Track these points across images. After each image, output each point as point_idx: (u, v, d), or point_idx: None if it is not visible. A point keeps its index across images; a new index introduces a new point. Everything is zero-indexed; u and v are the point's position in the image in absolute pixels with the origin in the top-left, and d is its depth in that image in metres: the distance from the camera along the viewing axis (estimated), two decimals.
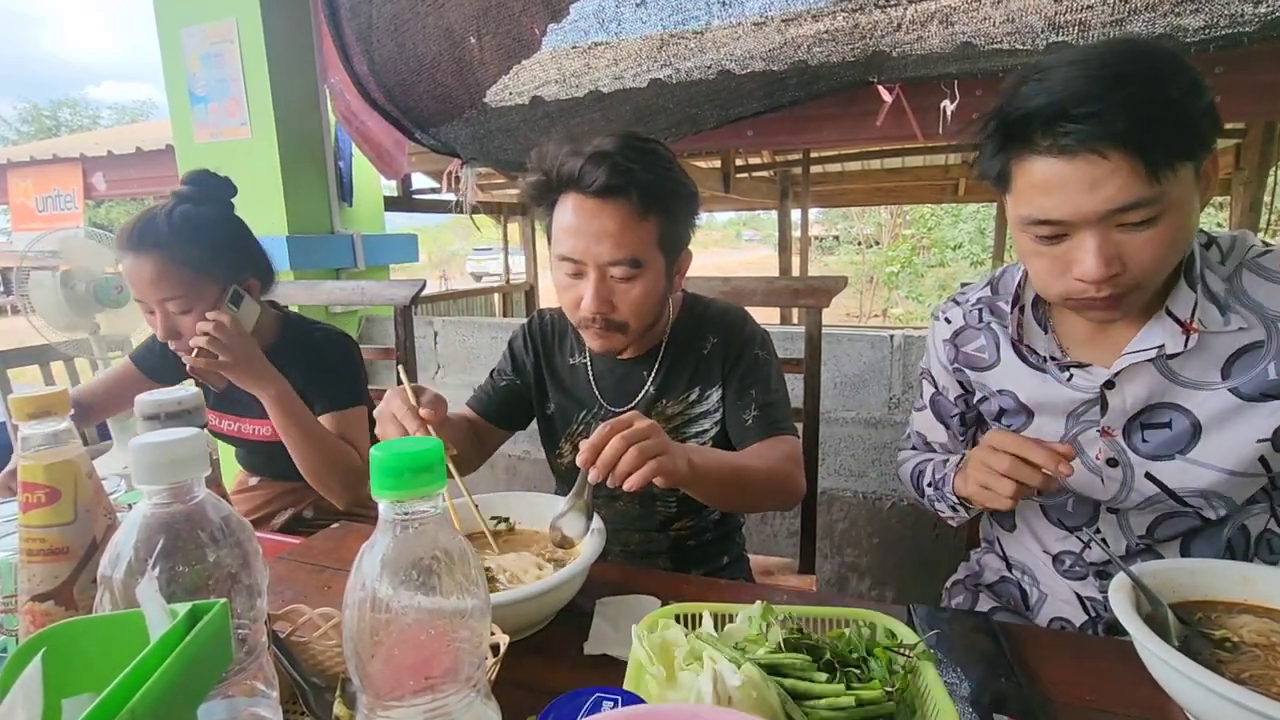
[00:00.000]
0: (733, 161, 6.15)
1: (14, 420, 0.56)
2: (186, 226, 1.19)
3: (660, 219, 0.97)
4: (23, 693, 0.29)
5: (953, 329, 1.01)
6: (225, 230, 1.26)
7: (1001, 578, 1.04)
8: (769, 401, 1.09)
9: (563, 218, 0.97)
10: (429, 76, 2.17)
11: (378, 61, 2.18)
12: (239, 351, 1.16)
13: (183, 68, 2.41)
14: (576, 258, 0.97)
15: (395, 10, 2.09)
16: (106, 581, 0.41)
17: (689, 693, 0.50)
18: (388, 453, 0.37)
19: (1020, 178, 0.76)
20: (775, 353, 1.15)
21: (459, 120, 2.27)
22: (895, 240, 17.17)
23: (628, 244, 0.95)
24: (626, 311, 1.00)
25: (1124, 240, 0.72)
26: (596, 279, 0.97)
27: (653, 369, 1.12)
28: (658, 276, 1.00)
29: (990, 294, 0.98)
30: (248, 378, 1.19)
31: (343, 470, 1.25)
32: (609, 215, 0.94)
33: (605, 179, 0.93)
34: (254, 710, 0.43)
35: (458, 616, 0.38)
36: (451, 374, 2.61)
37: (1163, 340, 0.80)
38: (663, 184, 0.97)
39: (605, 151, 0.94)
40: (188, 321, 1.19)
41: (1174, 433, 0.84)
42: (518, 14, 2.02)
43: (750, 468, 1.00)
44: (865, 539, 2.07)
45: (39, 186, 5.10)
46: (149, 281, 1.17)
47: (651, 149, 0.99)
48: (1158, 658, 0.56)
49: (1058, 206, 0.72)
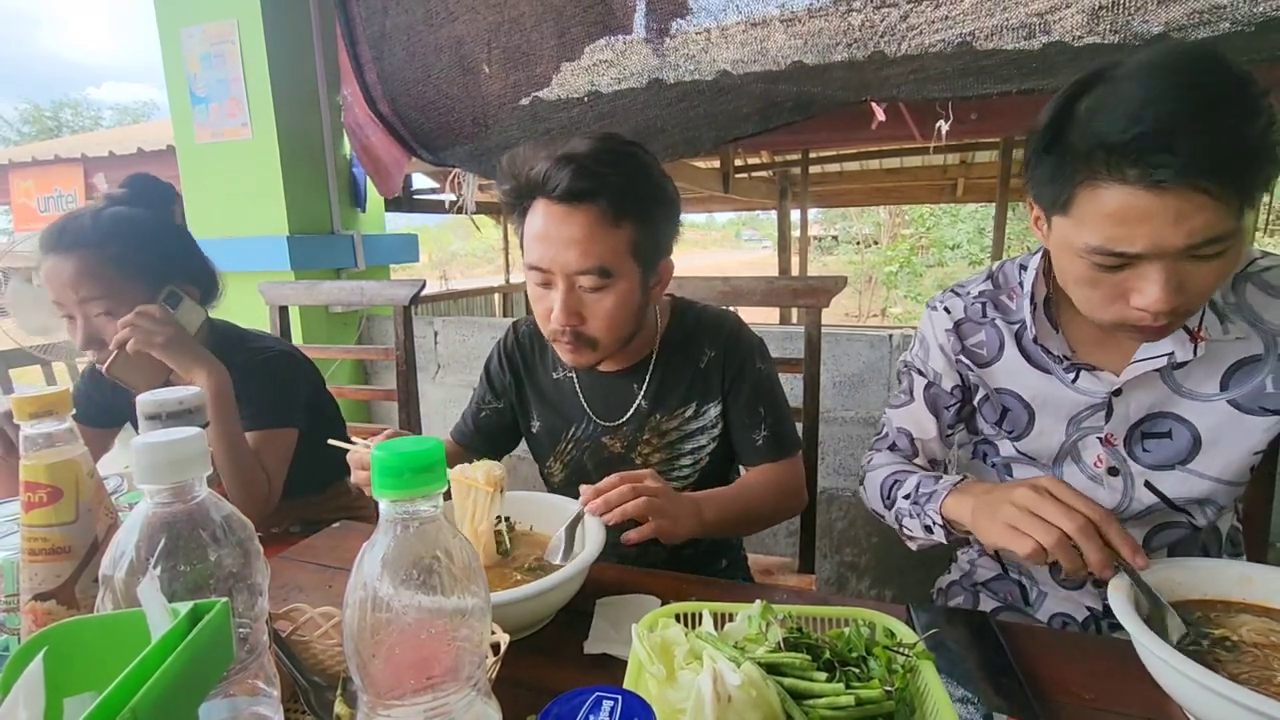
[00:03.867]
0: (732, 161, 6.16)
1: (16, 420, 0.56)
2: (113, 227, 1.13)
3: (635, 226, 0.92)
4: (24, 692, 0.29)
5: (954, 319, 0.96)
6: (158, 234, 1.19)
7: (998, 575, 1.03)
8: (778, 419, 1.07)
9: (532, 225, 0.93)
10: (435, 89, 2.17)
11: (387, 71, 2.19)
12: (171, 332, 1.10)
13: (183, 68, 2.41)
14: (544, 266, 0.92)
15: (408, 22, 2.10)
16: (108, 581, 0.41)
17: (689, 692, 0.50)
18: (389, 452, 0.37)
19: (1088, 204, 0.69)
20: (771, 358, 1.13)
21: (460, 137, 2.28)
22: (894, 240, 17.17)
23: (596, 252, 0.90)
24: (596, 325, 0.95)
25: (1191, 270, 0.68)
26: (564, 289, 0.92)
27: (644, 382, 1.07)
28: (631, 287, 0.95)
29: (992, 288, 0.95)
30: (186, 358, 1.10)
31: (249, 494, 1.15)
32: (576, 221, 0.89)
33: (570, 183, 0.88)
34: (255, 709, 0.43)
35: (458, 616, 0.38)
36: (451, 374, 2.61)
37: (1173, 348, 0.79)
38: (637, 188, 0.92)
39: (573, 154, 0.89)
40: (111, 326, 1.11)
41: (1175, 443, 0.83)
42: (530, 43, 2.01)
43: (757, 504, 1.03)
44: (864, 538, 2.07)
45: (41, 187, 5.11)
46: (67, 282, 1.09)
47: (628, 151, 0.94)
48: (1158, 657, 0.56)
49: (1137, 239, 0.67)
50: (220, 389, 1.13)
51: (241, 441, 1.16)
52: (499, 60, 2.05)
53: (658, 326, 1.08)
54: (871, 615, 0.64)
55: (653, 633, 0.58)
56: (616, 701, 0.38)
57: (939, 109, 1.90)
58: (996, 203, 5.31)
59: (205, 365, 1.12)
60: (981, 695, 0.61)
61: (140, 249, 1.14)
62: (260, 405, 1.23)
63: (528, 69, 2.03)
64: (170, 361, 1.11)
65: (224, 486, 1.16)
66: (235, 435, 1.15)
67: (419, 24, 2.09)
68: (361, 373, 2.78)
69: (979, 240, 15.85)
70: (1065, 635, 0.80)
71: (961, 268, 16.16)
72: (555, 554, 0.85)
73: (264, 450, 1.21)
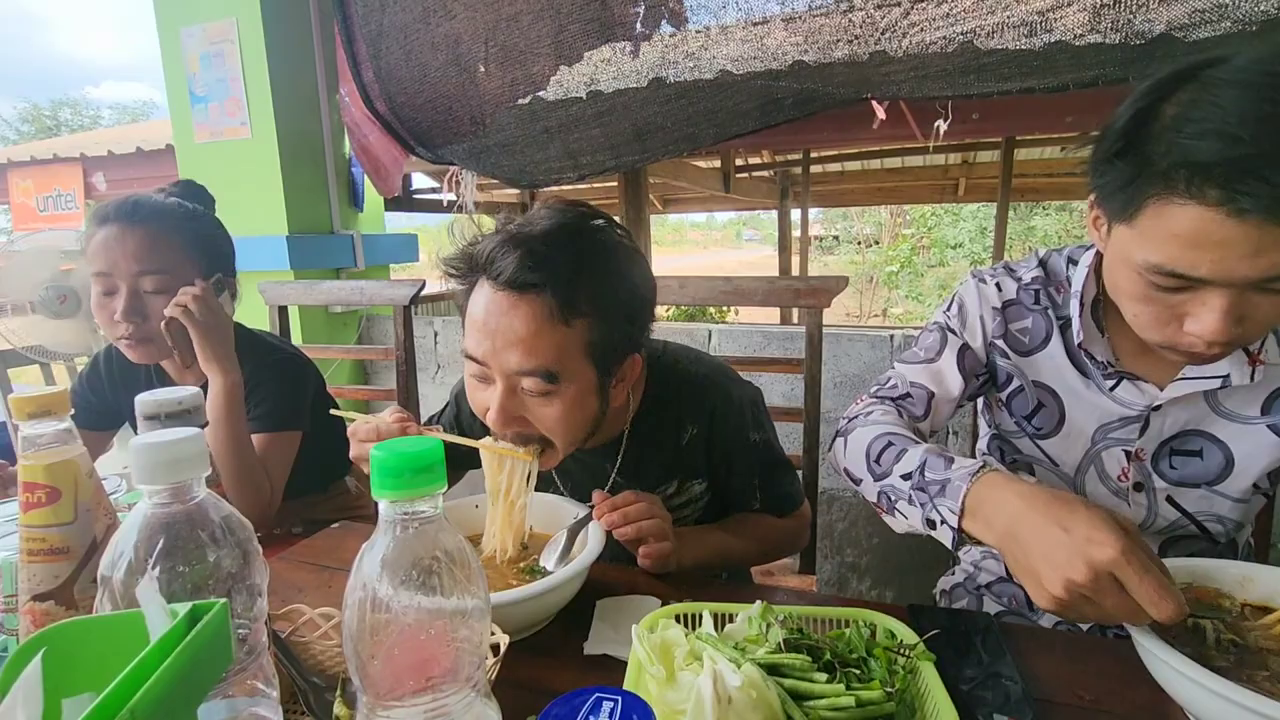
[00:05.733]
0: (733, 161, 6.16)
1: (14, 420, 0.56)
2: (185, 212, 1.21)
3: (590, 323, 0.80)
4: (23, 692, 0.29)
5: (1003, 299, 0.89)
6: (214, 229, 1.27)
7: (1000, 578, 1.02)
8: (777, 483, 1.02)
9: (474, 307, 0.81)
10: (432, 88, 2.17)
11: (384, 69, 2.19)
12: (222, 316, 1.14)
13: (183, 67, 2.41)
14: (481, 359, 0.80)
15: (406, 20, 2.10)
16: (107, 581, 0.41)
17: (689, 693, 0.50)
18: (389, 452, 0.37)
19: (1156, 219, 0.63)
20: (767, 414, 1.05)
21: (458, 135, 2.28)
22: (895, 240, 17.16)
23: (541, 352, 0.78)
24: (543, 429, 0.83)
25: (1256, 301, 0.63)
26: (503, 390, 0.80)
27: (616, 461, 0.98)
28: (584, 392, 0.82)
29: (1044, 275, 0.88)
30: (218, 351, 1.13)
31: (250, 497, 1.15)
32: (521, 315, 0.77)
33: (515, 271, 0.76)
34: (254, 710, 0.43)
35: (458, 616, 0.38)
36: (451, 374, 2.61)
37: (1229, 370, 0.75)
38: (596, 280, 0.79)
39: (523, 235, 0.78)
40: (157, 304, 1.14)
41: (1204, 464, 0.80)
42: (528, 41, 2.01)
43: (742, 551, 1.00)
44: (865, 539, 2.07)
45: (40, 186, 5.11)
46: (131, 253, 1.12)
47: (591, 231, 0.81)
48: (1158, 658, 0.56)
49: (1203, 264, 0.61)
50: (232, 389, 1.14)
51: (247, 443, 1.17)
52: (496, 59, 2.05)
53: (629, 404, 0.95)
54: (872, 616, 0.64)
55: (653, 633, 0.58)
56: (616, 702, 0.38)
57: (939, 107, 1.89)
58: (998, 202, 5.31)
59: (226, 362, 1.14)
60: (982, 695, 0.61)
61: (201, 236, 1.22)
62: (270, 407, 1.24)
63: (525, 68, 2.03)
64: (202, 345, 1.12)
65: (224, 488, 1.16)
66: (241, 436, 1.15)
67: (416, 22, 2.09)
68: (361, 373, 2.78)
69: (981, 240, 15.84)
70: (1065, 635, 0.80)
71: (963, 267, 16.14)
72: (554, 555, 0.85)
73: (270, 452, 1.22)
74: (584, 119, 2.10)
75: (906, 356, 0.95)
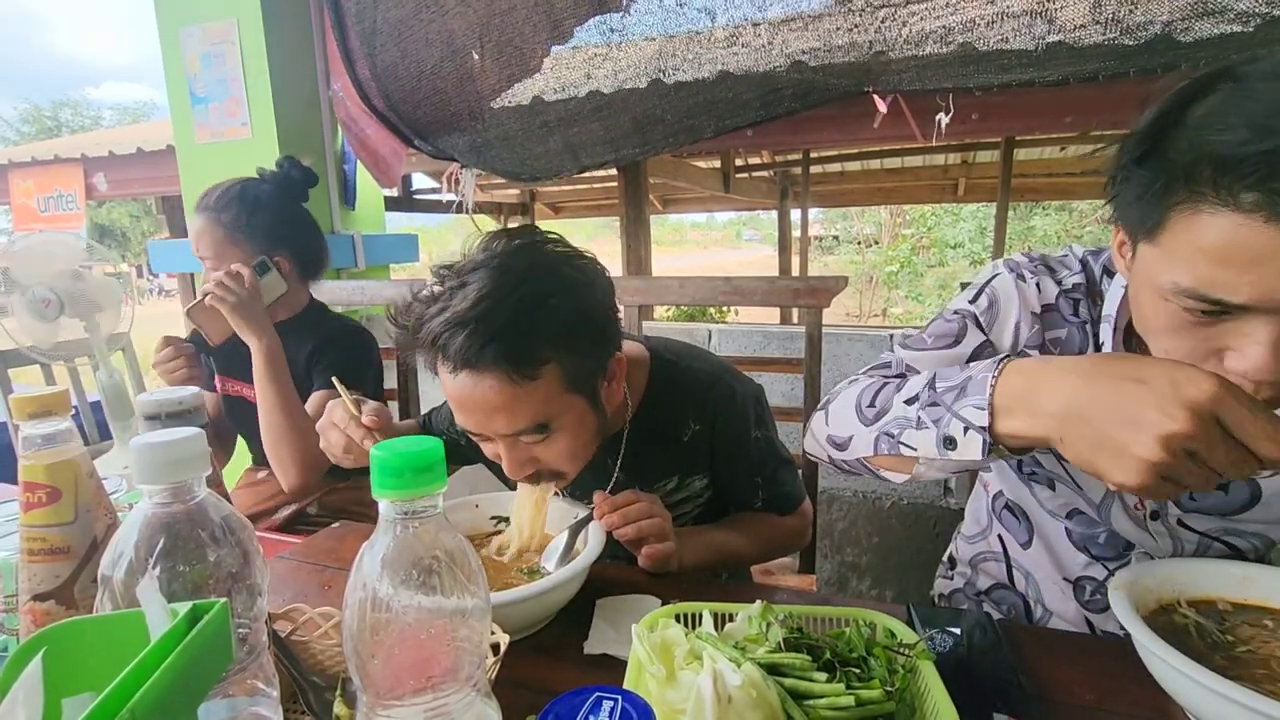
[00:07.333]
0: (732, 161, 6.16)
1: (14, 420, 0.56)
2: (229, 198, 1.33)
3: (558, 364, 0.79)
4: (23, 692, 0.29)
5: (1043, 302, 0.79)
6: (269, 206, 1.36)
7: (999, 584, 0.99)
8: (779, 481, 1.03)
9: (444, 385, 0.81)
10: (429, 84, 2.17)
11: (380, 67, 2.19)
12: (242, 296, 1.25)
13: (183, 68, 2.41)
14: (473, 431, 0.83)
15: (400, 16, 2.10)
16: (107, 581, 0.41)
17: (689, 692, 0.50)
18: (389, 452, 0.37)
19: (1183, 233, 0.54)
20: (769, 412, 1.05)
21: (457, 130, 2.28)
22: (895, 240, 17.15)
23: (521, 413, 0.79)
24: (554, 463, 0.86)
25: None
26: (506, 448, 0.83)
27: (618, 456, 0.98)
28: (579, 418, 0.84)
29: (1085, 282, 0.79)
30: (248, 321, 1.26)
31: (301, 449, 1.25)
32: (487, 389, 0.76)
33: (464, 354, 0.75)
34: (254, 710, 0.43)
35: (458, 616, 0.38)
36: None
37: None
38: (549, 324, 0.77)
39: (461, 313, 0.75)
40: None
41: (1228, 498, 0.75)
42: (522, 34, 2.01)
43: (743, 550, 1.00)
44: (865, 538, 2.07)
45: (40, 187, 5.11)
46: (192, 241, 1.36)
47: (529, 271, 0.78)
48: (1158, 657, 0.56)
49: (1242, 286, 0.52)
50: (271, 351, 1.27)
51: (294, 403, 1.28)
52: (492, 53, 2.05)
53: (628, 403, 0.97)
54: (872, 615, 0.64)
55: (653, 633, 0.58)
56: (616, 702, 0.38)
57: (939, 100, 1.89)
58: (997, 202, 5.31)
59: (258, 331, 1.27)
60: (982, 695, 0.61)
61: (247, 217, 1.33)
62: (338, 367, 1.32)
63: (521, 62, 2.04)
64: (233, 319, 1.27)
65: (267, 449, 1.27)
66: (288, 394, 1.28)
67: (410, 18, 2.08)
68: None
69: (980, 240, 15.83)
70: (1065, 635, 0.80)
71: (963, 267, 16.14)
72: (554, 554, 0.85)
73: None
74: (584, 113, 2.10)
75: (910, 342, 0.86)
